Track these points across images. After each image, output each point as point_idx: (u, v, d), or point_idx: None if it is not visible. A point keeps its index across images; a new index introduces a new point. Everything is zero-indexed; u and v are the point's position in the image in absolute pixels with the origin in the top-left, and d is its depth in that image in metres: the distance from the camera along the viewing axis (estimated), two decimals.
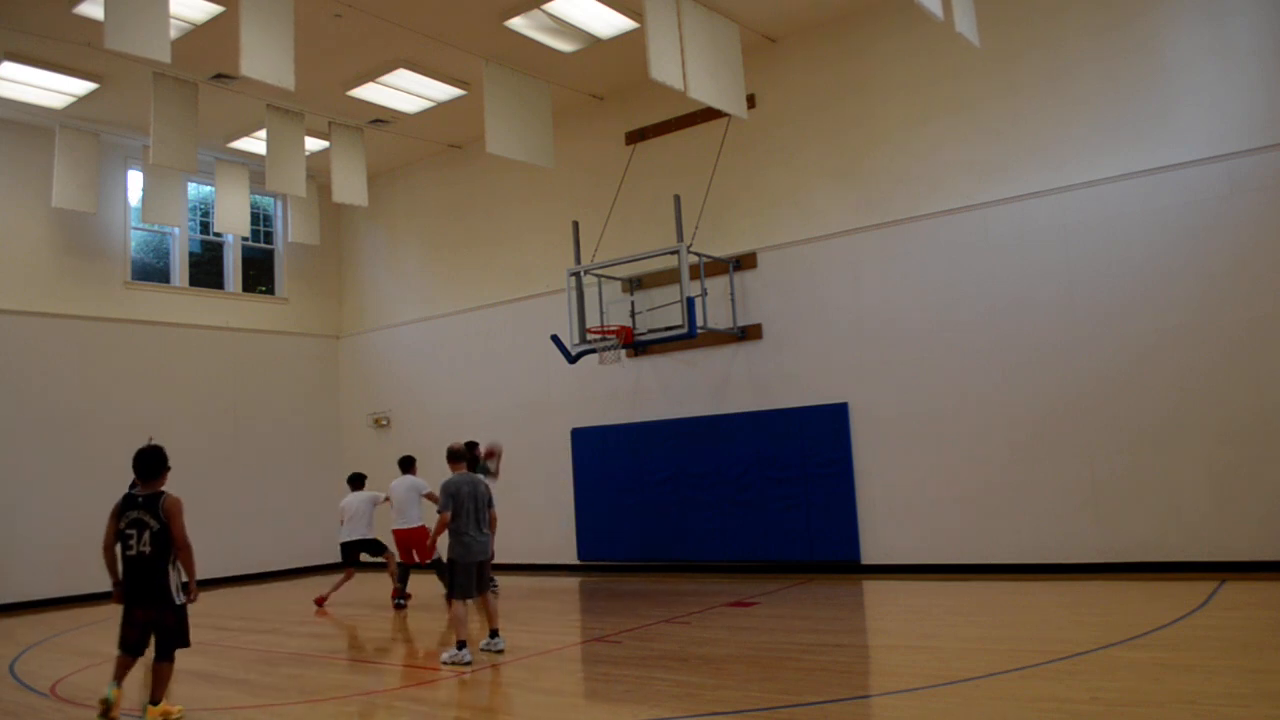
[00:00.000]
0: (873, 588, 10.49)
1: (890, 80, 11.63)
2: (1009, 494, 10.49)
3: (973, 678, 5.93)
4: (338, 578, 11.66)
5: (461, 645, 7.43)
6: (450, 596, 7.89)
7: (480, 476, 8.12)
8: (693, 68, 9.93)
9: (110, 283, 14.44)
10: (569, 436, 13.81)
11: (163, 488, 6.04)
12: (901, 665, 6.73)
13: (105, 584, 6.06)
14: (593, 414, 13.78)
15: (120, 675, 5.94)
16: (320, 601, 11.41)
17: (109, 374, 14.14)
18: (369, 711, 6.24)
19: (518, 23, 11.55)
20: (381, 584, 12.43)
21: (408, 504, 11.03)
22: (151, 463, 6.02)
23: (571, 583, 9.90)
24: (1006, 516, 10.49)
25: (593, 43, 12.18)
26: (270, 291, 16.72)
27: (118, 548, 6.03)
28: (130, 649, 6.00)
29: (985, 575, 10.41)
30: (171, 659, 6.00)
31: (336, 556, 16.56)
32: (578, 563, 13.67)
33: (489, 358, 15.11)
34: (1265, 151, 9.36)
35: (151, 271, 15.28)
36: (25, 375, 13.30)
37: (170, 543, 5.93)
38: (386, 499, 11.32)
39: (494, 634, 7.85)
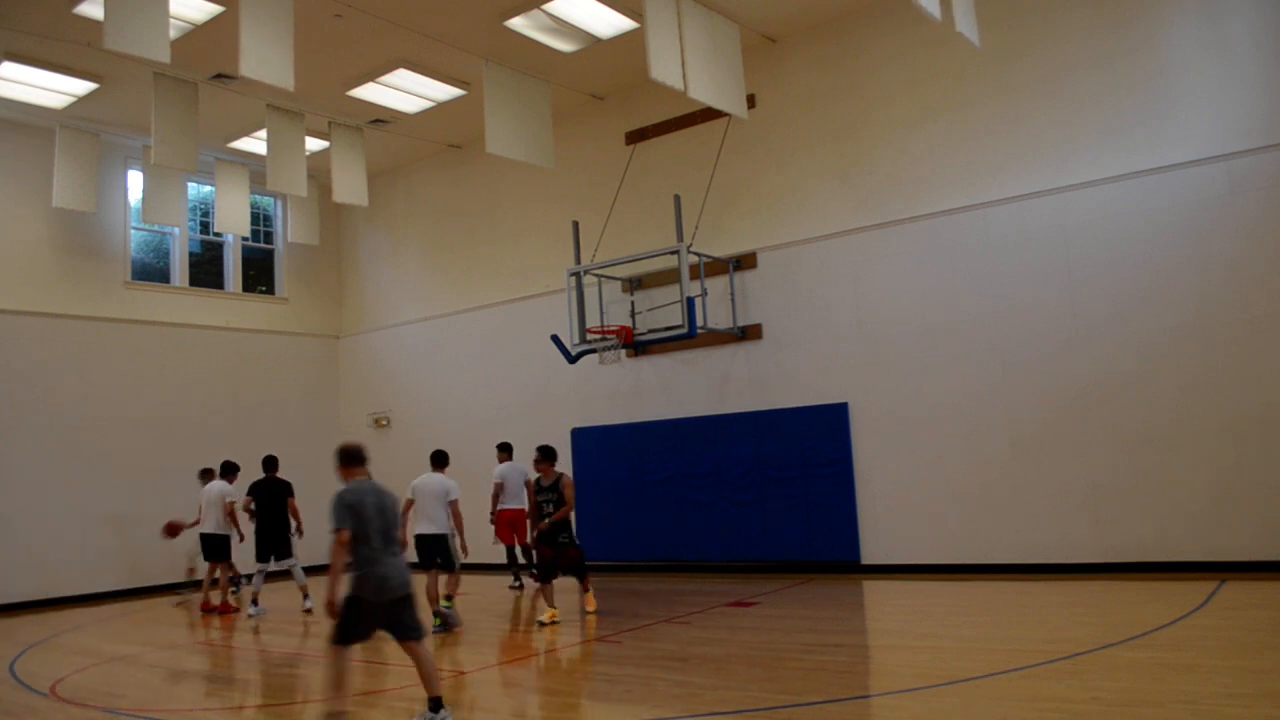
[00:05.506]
0: (873, 588, 10.49)
1: (890, 80, 11.63)
2: (1009, 494, 10.49)
3: (973, 678, 5.93)
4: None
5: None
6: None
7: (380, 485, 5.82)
8: (693, 68, 9.93)
9: (110, 283, 14.43)
10: (569, 436, 13.80)
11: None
12: (901, 665, 6.73)
13: (104, 584, 6.07)
14: (593, 414, 13.77)
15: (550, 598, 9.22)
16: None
17: (109, 374, 14.13)
18: (369, 712, 6.23)
19: (518, 23, 11.55)
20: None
21: (518, 487, 11.65)
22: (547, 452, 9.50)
23: (571, 583, 9.94)
24: (1006, 516, 10.49)
25: (593, 43, 12.17)
26: (270, 291, 16.71)
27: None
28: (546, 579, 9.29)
29: (985, 575, 10.40)
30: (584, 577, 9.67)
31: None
32: None
33: (489, 358, 15.10)
34: (1265, 151, 9.36)
35: (151, 271, 15.27)
36: (25, 375, 13.28)
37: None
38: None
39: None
